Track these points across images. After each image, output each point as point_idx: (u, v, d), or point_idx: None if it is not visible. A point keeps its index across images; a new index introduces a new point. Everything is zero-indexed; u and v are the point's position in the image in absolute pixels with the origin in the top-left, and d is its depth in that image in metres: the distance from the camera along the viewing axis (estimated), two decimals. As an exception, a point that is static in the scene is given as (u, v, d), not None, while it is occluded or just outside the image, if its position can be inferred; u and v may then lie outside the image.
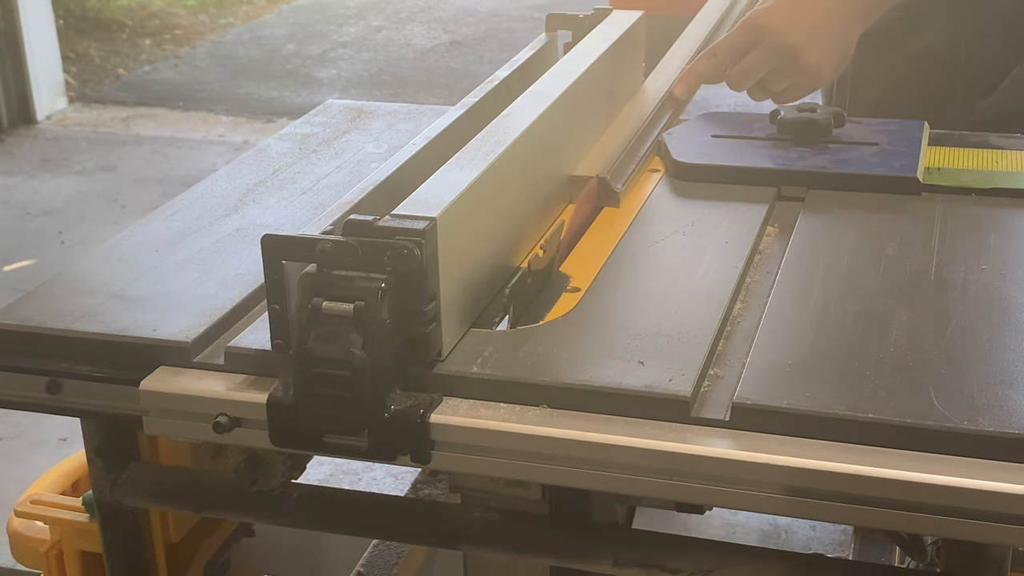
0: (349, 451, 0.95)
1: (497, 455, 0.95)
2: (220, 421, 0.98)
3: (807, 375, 0.96)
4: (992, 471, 0.87)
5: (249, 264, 1.17)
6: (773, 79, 1.46)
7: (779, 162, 1.37)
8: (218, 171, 1.44)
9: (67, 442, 2.86)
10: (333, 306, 0.92)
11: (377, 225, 0.94)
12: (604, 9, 1.61)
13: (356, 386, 0.91)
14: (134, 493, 1.17)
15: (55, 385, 1.05)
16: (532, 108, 1.23)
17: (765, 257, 1.19)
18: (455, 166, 1.08)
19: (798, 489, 0.89)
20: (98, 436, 1.16)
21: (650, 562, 1.04)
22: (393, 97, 5.45)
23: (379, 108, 1.66)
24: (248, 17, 6.94)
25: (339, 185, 1.37)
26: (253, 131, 5.09)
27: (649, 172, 1.39)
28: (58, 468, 1.50)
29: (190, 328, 1.05)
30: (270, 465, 1.06)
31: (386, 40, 6.44)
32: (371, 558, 1.49)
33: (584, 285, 1.12)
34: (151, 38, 6.50)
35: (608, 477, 0.93)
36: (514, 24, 6.58)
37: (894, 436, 0.90)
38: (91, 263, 1.21)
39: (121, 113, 5.38)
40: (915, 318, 1.05)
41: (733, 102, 4.90)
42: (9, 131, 5.09)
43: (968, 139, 1.46)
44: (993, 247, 1.19)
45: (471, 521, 1.09)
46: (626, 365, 0.98)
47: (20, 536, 1.41)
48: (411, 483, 1.62)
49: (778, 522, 2.48)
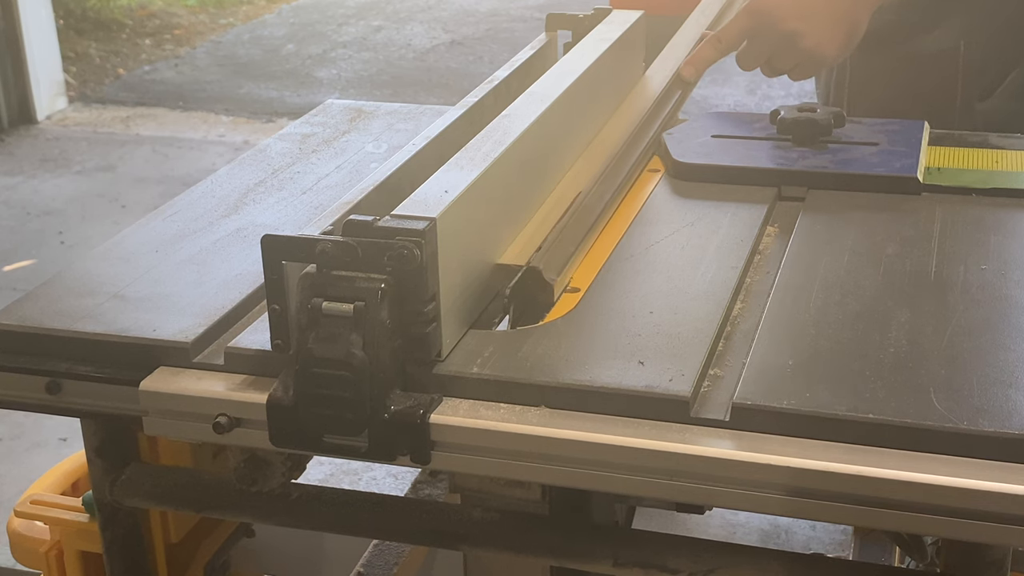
0: (349, 451, 0.95)
1: (497, 455, 0.95)
2: (220, 421, 0.98)
3: (807, 375, 0.96)
4: (992, 471, 0.87)
5: (249, 264, 1.17)
6: (778, 60, 1.50)
7: (779, 162, 1.37)
8: (218, 171, 1.44)
9: (67, 442, 2.86)
10: (333, 306, 0.92)
11: (377, 225, 0.94)
12: (604, 9, 1.61)
13: (356, 386, 0.91)
14: (134, 493, 1.17)
15: (55, 385, 1.05)
16: (532, 108, 1.23)
17: (765, 257, 1.19)
18: (455, 166, 1.08)
19: (798, 489, 0.89)
20: (98, 436, 1.16)
21: (650, 562, 1.04)
22: (393, 97, 5.45)
23: (379, 108, 1.66)
24: (248, 17, 6.94)
25: (339, 185, 1.37)
26: (253, 131, 5.09)
27: (649, 172, 1.39)
28: (58, 468, 1.50)
29: (190, 328, 1.05)
30: (270, 465, 1.06)
31: (386, 40, 6.44)
32: (371, 558, 1.49)
33: (584, 285, 1.12)
34: (151, 38, 6.50)
35: (608, 477, 0.93)
36: (514, 24, 6.58)
37: (894, 436, 0.90)
38: (91, 263, 1.21)
39: (121, 113, 5.38)
40: (915, 318, 1.05)
41: (733, 102, 4.91)
42: (9, 131, 5.09)
43: (968, 139, 1.46)
44: (993, 247, 1.19)
45: (471, 521, 1.09)
46: (626, 365, 0.98)
47: (20, 536, 1.41)
48: (411, 483, 1.62)
49: (778, 522, 2.48)
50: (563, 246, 1.14)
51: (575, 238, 1.16)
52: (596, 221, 1.21)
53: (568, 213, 1.20)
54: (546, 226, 1.19)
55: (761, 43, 1.49)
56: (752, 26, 1.48)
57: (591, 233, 1.20)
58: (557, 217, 1.21)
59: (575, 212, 1.21)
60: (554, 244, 1.14)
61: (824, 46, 1.47)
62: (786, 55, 1.49)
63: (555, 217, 1.21)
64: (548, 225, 1.20)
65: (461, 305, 1.03)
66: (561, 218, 1.19)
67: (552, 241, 1.15)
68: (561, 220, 1.19)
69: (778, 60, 1.50)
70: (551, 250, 1.13)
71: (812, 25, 1.45)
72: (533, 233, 1.18)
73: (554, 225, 1.18)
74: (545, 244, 1.14)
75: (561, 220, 1.19)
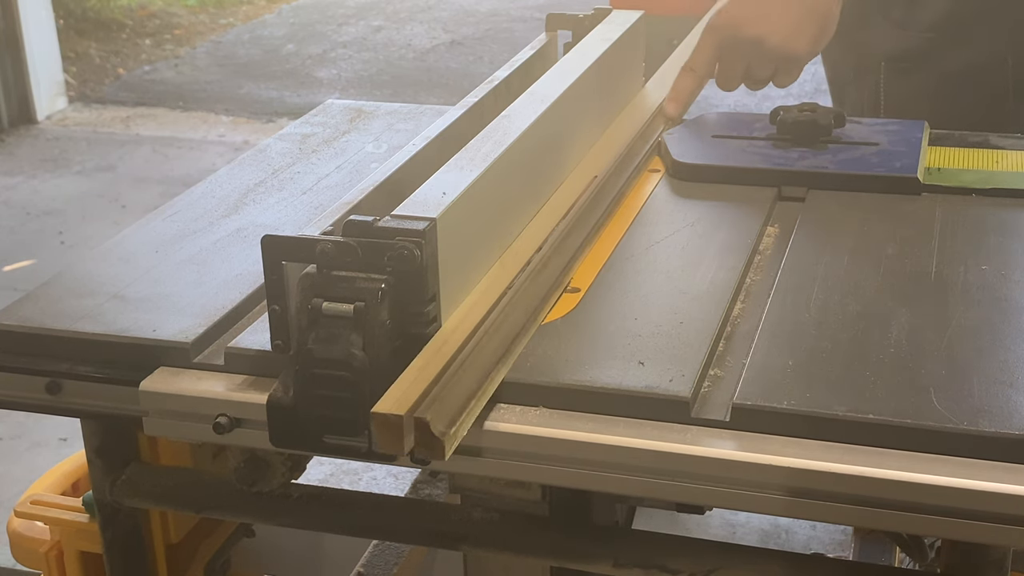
0: (349, 452, 0.95)
1: (497, 455, 0.95)
2: (220, 422, 0.98)
3: (807, 376, 0.96)
4: (992, 471, 0.87)
5: (249, 264, 1.17)
6: (755, 70, 1.47)
7: (779, 162, 1.37)
8: (218, 171, 1.44)
9: (67, 442, 2.86)
10: (333, 307, 0.92)
11: (377, 226, 0.94)
12: (604, 9, 1.61)
13: (356, 387, 0.91)
14: (134, 493, 1.17)
15: (55, 385, 1.05)
16: (532, 108, 1.23)
17: (765, 257, 1.19)
18: (455, 166, 1.08)
19: (798, 490, 0.89)
20: (98, 436, 1.16)
21: (650, 562, 1.04)
22: (393, 97, 5.45)
23: (379, 108, 1.66)
24: (248, 17, 6.93)
25: (339, 185, 1.37)
26: (253, 131, 5.09)
27: (649, 172, 1.39)
28: (58, 468, 1.50)
29: (190, 329, 1.05)
30: (270, 466, 1.06)
31: (386, 40, 6.44)
32: (371, 558, 1.49)
33: (584, 286, 1.12)
34: (151, 38, 6.49)
35: (608, 478, 0.93)
36: (514, 24, 6.58)
37: (894, 436, 0.90)
38: (91, 263, 1.21)
39: (121, 113, 5.38)
40: (915, 318, 1.05)
41: (733, 102, 4.91)
42: (9, 131, 5.09)
43: (968, 139, 1.46)
44: (993, 247, 1.19)
45: (471, 521, 1.09)
46: (626, 366, 0.98)
47: (20, 536, 1.41)
48: (411, 483, 1.62)
49: (778, 522, 2.48)
50: (462, 385, 0.91)
51: (477, 376, 0.93)
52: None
53: (474, 340, 0.97)
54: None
55: (732, 56, 1.45)
56: (717, 41, 1.45)
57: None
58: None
59: (480, 340, 0.97)
60: (450, 384, 0.90)
61: (792, 43, 1.43)
62: (760, 62, 1.45)
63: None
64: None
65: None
66: (465, 344, 0.96)
67: (450, 379, 0.91)
68: (463, 349, 0.95)
69: (755, 70, 1.46)
70: (446, 391, 0.89)
71: (775, 25, 1.42)
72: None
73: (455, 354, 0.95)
74: (444, 380, 0.91)
75: (463, 349, 0.95)
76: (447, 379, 0.91)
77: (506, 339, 0.99)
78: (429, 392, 0.88)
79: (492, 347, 0.97)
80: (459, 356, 0.94)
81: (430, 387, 0.89)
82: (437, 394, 0.88)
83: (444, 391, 0.89)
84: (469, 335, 0.97)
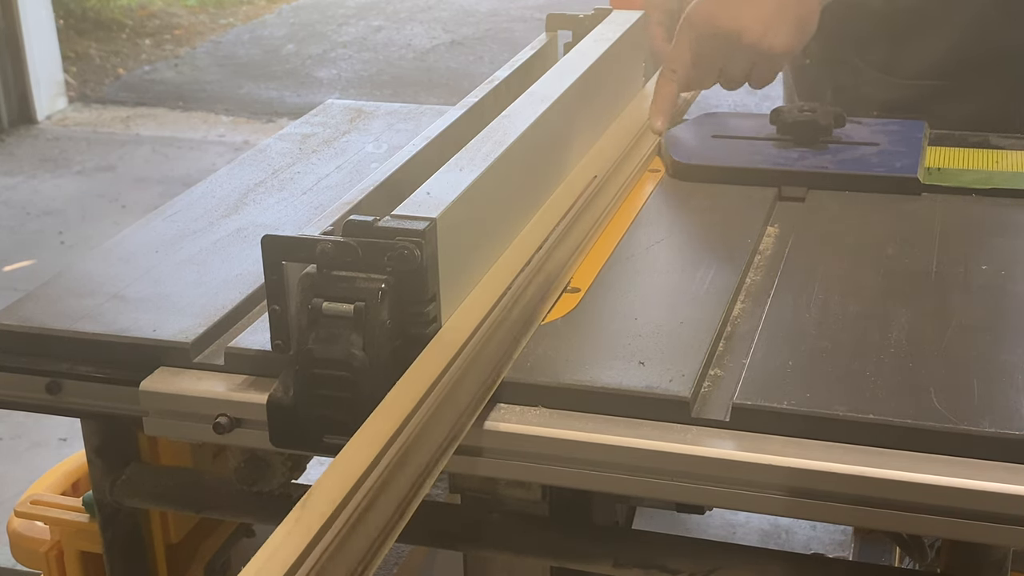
0: (349, 451, 0.94)
1: (497, 455, 0.95)
2: (220, 422, 0.98)
3: (807, 376, 0.96)
4: (992, 471, 0.87)
5: (249, 264, 1.17)
6: (731, 67, 1.41)
7: (779, 162, 1.37)
8: (218, 171, 1.44)
9: (67, 442, 2.86)
10: (333, 307, 0.92)
11: (377, 226, 0.94)
12: (604, 9, 1.61)
13: (356, 387, 0.91)
14: (134, 493, 1.17)
15: (55, 385, 1.05)
16: (532, 108, 1.23)
17: (765, 257, 1.19)
18: (455, 166, 1.08)
19: (798, 490, 0.89)
20: (98, 436, 1.16)
21: (650, 562, 1.04)
22: (393, 97, 5.45)
23: (379, 108, 1.66)
24: (248, 17, 6.94)
25: (339, 185, 1.37)
26: (253, 131, 5.09)
27: (649, 172, 1.39)
28: (58, 468, 1.50)
29: (190, 329, 1.05)
30: (270, 466, 1.06)
31: (386, 40, 6.44)
32: (371, 558, 1.48)
33: (584, 285, 1.12)
34: (151, 38, 6.50)
35: (608, 478, 0.93)
36: (514, 24, 6.58)
37: (894, 436, 0.90)
38: (91, 263, 1.21)
39: (121, 113, 5.38)
40: (915, 318, 1.05)
41: (733, 102, 4.91)
42: (9, 131, 5.09)
43: (968, 139, 1.46)
44: (993, 247, 1.19)
45: (471, 521, 1.09)
46: (626, 366, 0.98)
47: (20, 536, 1.41)
48: (411, 483, 1.62)
49: (778, 522, 2.48)
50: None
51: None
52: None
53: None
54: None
55: (708, 52, 1.39)
56: (693, 36, 1.39)
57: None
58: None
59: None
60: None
61: (769, 38, 1.36)
62: (736, 58, 1.39)
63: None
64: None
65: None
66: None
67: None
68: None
69: (731, 67, 1.40)
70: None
71: (750, 19, 1.36)
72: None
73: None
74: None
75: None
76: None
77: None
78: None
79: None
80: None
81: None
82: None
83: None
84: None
